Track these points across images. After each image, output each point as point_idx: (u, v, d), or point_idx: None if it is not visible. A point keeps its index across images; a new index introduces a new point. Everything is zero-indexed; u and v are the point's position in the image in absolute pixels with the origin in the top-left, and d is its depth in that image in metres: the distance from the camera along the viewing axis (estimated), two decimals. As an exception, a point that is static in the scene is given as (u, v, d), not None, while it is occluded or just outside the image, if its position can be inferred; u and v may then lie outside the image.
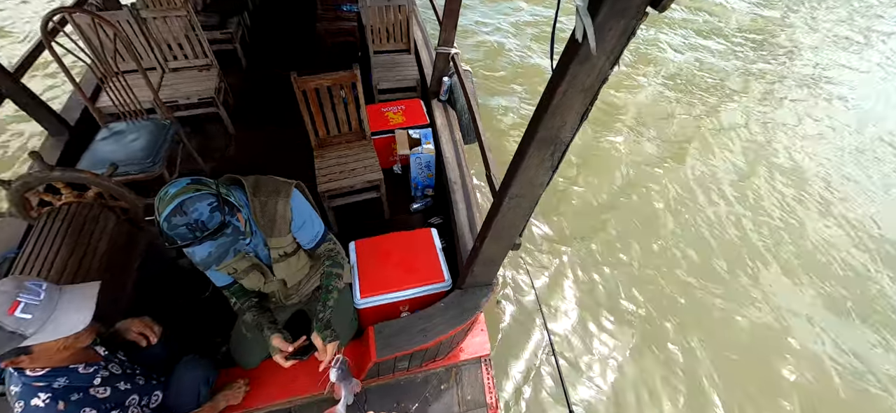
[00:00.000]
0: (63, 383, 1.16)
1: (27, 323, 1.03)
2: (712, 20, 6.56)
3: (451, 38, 2.34)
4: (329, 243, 1.54)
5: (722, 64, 5.65)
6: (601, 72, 0.86)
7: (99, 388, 1.24)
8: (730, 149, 4.42)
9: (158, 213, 1.06)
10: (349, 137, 2.37)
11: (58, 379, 1.15)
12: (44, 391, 1.12)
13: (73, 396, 1.16)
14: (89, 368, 1.23)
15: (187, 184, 1.08)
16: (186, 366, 1.53)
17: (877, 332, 3.07)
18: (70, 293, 1.13)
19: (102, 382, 1.25)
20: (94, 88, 2.83)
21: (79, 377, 1.20)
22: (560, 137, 1.01)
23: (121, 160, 2.16)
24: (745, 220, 3.69)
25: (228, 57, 3.51)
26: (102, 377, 1.26)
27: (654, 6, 0.73)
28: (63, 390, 1.15)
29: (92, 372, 1.23)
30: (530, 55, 5.31)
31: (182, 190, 1.06)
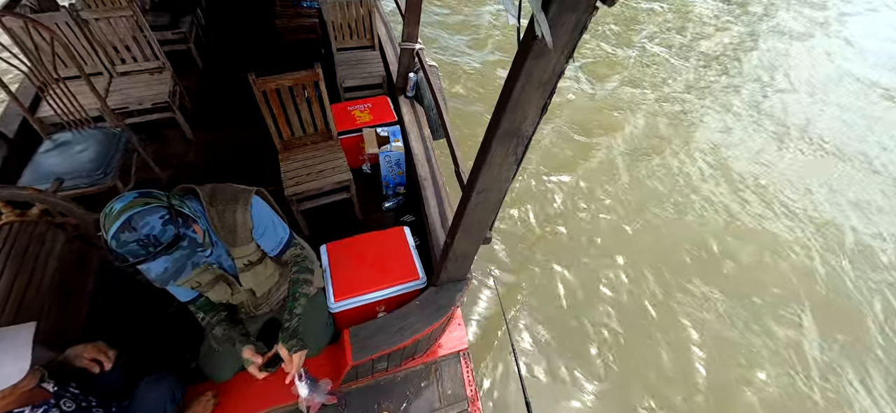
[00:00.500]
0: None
1: None
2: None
3: (414, 33, 2.32)
4: (295, 249, 1.49)
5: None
6: (557, 66, 0.87)
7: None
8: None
9: (105, 231, 0.99)
10: (315, 138, 2.31)
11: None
12: None
13: None
14: (37, 410, 1.14)
15: (134, 198, 1.02)
16: (149, 385, 1.45)
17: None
18: (1, 340, 1.04)
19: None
20: (33, 97, 2.62)
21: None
22: (522, 131, 1.03)
23: (67, 173, 2.02)
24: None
25: (183, 58, 3.33)
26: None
27: (604, 1, 0.75)
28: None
29: (42, 412, 1.15)
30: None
31: (129, 205, 1.00)
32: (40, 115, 2.39)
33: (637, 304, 3.10)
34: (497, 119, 1.00)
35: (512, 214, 3.55)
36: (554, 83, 0.91)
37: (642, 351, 2.87)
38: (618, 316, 3.02)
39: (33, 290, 1.60)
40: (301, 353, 1.36)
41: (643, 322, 3.01)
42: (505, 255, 3.29)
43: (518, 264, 3.24)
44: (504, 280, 3.15)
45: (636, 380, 2.74)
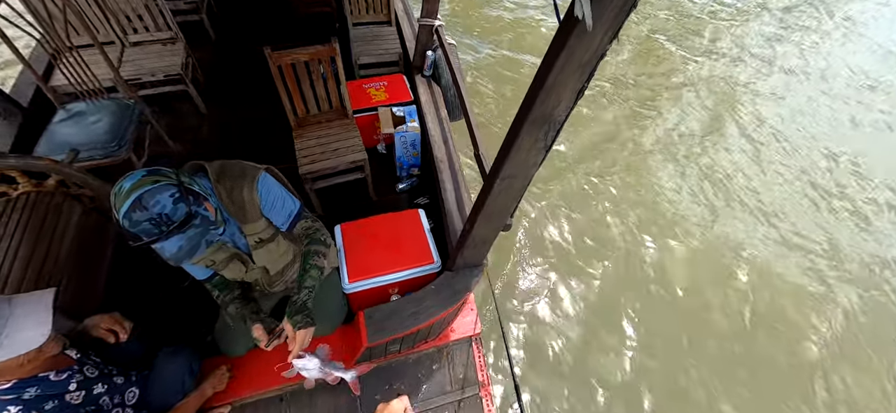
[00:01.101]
0: (34, 393, 1.09)
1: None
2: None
3: (434, 8, 2.23)
4: (306, 221, 1.42)
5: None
6: (600, 47, 0.81)
7: (74, 394, 1.17)
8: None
9: (116, 210, 0.98)
10: (330, 116, 2.27)
11: (27, 389, 1.09)
12: (14, 404, 1.06)
13: (48, 405, 1.10)
14: (62, 375, 1.16)
15: (143, 176, 1.00)
16: (168, 356, 1.47)
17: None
18: (22, 305, 1.04)
19: (78, 387, 1.19)
20: (46, 66, 2.60)
21: (51, 385, 1.13)
22: (554, 116, 0.97)
23: (82, 144, 2.01)
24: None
25: (195, 29, 3.27)
26: (77, 382, 1.19)
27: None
28: (35, 400, 1.09)
29: (65, 378, 1.16)
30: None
31: (138, 183, 0.98)
32: (54, 83, 2.36)
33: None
34: (529, 103, 0.95)
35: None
36: (594, 66, 0.85)
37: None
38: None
39: (52, 260, 1.61)
40: (307, 331, 1.26)
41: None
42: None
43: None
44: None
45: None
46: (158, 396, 1.41)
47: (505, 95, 4.29)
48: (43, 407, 1.08)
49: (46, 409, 1.09)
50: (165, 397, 1.42)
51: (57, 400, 1.12)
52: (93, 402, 1.21)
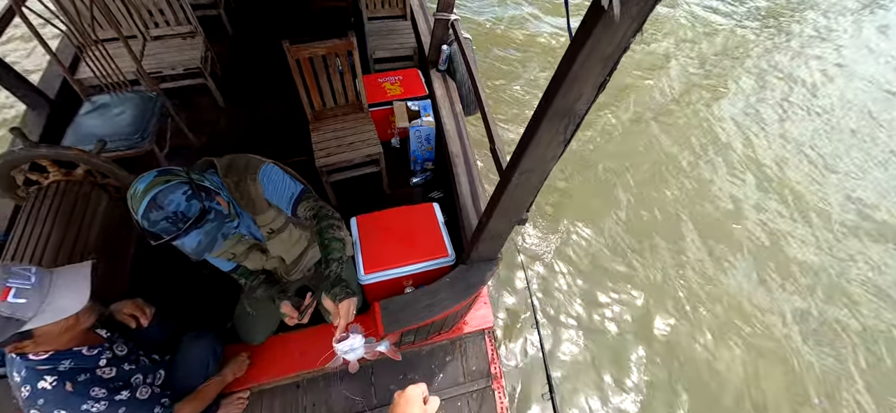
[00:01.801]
0: (68, 365, 1.15)
1: (23, 307, 1.01)
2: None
3: (450, 3, 2.23)
4: (308, 202, 1.38)
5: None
6: (624, 39, 0.81)
7: (105, 369, 1.23)
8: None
9: (134, 212, 1.01)
10: (346, 110, 2.29)
11: (63, 362, 1.14)
12: (50, 374, 1.11)
13: (80, 377, 1.15)
14: (93, 350, 1.22)
15: (155, 177, 1.03)
16: (193, 340, 1.53)
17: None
18: (63, 275, 1.10)
19: (108, 363, 1.24)
20: (72, 58, 2.67)
21: (84, 359, 1.19)
22: (575, 110, 0.97)
23: (107, 135, 2.07)
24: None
25: (214, 23, 3.32)
26: (107, 358, 1.25)
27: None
28: (69, 372, 1.14)
29: (96, 353, 1.22)
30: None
31: (151, 183, 1.01)
32: (79, 76, 2.43)
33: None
34: (550, 95, 0.95)
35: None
36: (617, 58, 0.85)
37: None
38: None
39: (80, 246, 1.67)
40: (349, 301, 1.19)
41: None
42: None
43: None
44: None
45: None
46: (183, 378, 1.46)
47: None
48: (76, 379, 1.14)
49: (79, 381, 1.14)
50: (190, 379, 1.47)
51: (89, 373, 1.17)
52: (122, 379, 1.26)
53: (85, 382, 1.15)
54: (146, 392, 1.32)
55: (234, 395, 1.78)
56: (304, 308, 1.39)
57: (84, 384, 1.15)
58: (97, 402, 1.15)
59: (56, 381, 1.11)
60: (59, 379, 1.11)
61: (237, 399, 1.79)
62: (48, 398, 1.10)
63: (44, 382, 1.10)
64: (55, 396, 1.10)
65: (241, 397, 1.80)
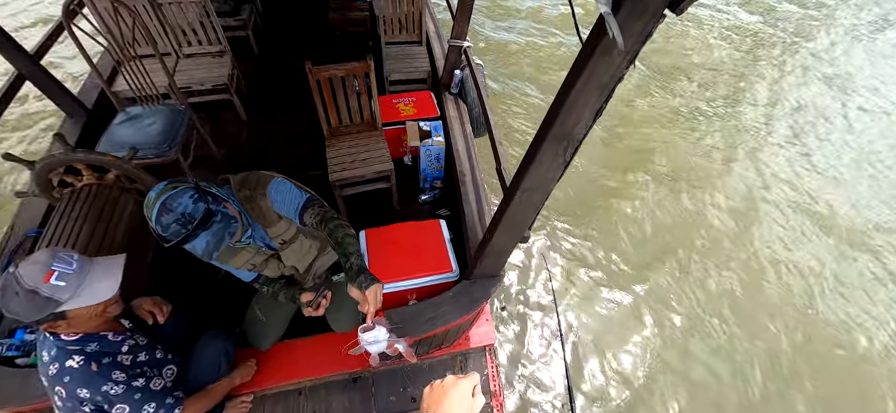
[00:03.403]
0: (94, 348, 1.22)
1: (62, 290, 1.10)
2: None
3: (463, 31, 2.35)
4: (315, 208, 1.41)
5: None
6: (618, 70, 0.88)
7: (125, 356, 1.30)
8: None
9: (149, 219, 1.11)
10: (361, 127, 2.40)
11: (90, 344, 1.22)
12: (78, 354, 1.19)
13: (104, 360, 1.23)
14: (117, 337, 1.30)
15: (165, 185, 1.14)
16: (209, 339, 1.59)
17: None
18: (99, 264, 1.20)
19: (129, 351, 1.32)
20: (110, 72, 2.87)
21: (108, 344, 1.27)
22: (573, 134, 1.04)
23: (139, 144, 2.20)
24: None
25: (241, 44, 3.53)
26: (129, 346, 1.33)
27: (672, 9, 0.76)
28: (95, 354, 1.22)
29: (119, 341, 1.30)
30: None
31: (161, 191, 1.12)
32: (116, 88, 2.61)
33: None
34: (550, 120, 1.02)
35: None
36: (612, 87, 0.92)
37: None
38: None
39: (107, 246, 1.77)
40: (376, 287, 1.20)
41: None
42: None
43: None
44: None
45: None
46: (196, 375, 1.52)
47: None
48: (101, 361, 1.22)
49: (103, 364, 1.22)
50: (202, 377, 1.53)
51: (111, 357, 1.25)
52: (138, 367, 1.33)
53: (107, 365, 1.23)
54: (159, 384, 1.38)
55: (238, 399, 1.83)
56: (317, 297, 1.48)
57: (107, 367, 1.22)
58: (116, 385, 1.22)
59: (83, 360, 1.18)
60: (85, 359, 1.19)
61: (241, 403, 1.83)
62: (74, 376, 1.17)
63: (72, 361, 1.18)
64: (80, 375, 1.17)
65: (245, 401, 1.85)
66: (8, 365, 1.59)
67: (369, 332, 1.16)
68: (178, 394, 1.41)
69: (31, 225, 2.07)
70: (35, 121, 3.92)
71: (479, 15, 5.62)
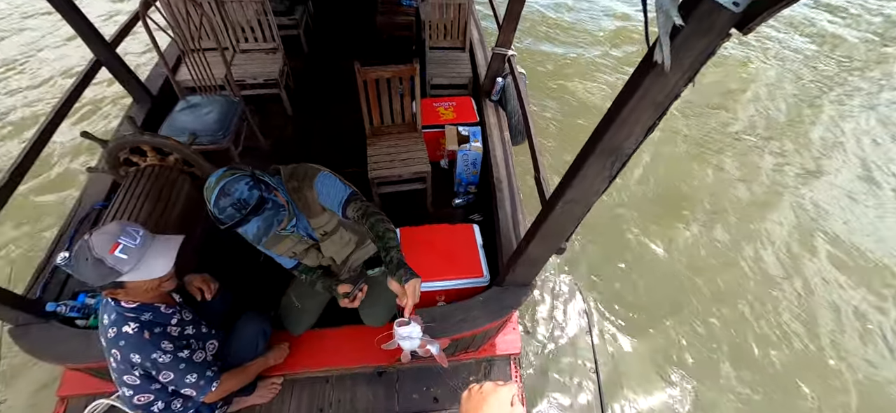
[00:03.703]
0: (148, 317, 1.32)
1: (123, 262, 1.19)
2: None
3: (509, 39, 2.37)
4: (357, 202, 1.47)
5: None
6: (674, 88, 0.87)
7: (174, 328, 1.40)
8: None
9: (208, 202, 1.19)
10: (401, 128, 2.46)
11: (145, 313, 1.32)
12: (134, 321, 1.29)
13: (156, 330, 1.33)
14: (168, 310, 1.40)
15: (225, 171, 1.22)
16: (249, 319, 1.68)
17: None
18: (158, 242, 1.30)
19: (177, 323, 1.42)
20: (174, 62, 3.09)
21: (161, 315, 1.36)
22: (623, 148, 1.03)
23: (196, 131, 2.36)
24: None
25: (292, 42, 3.70)
26: (177, 319, 1.42)
27: (740, 28, 0.74)
28: (148, 323, 1.32)
29: (170, 313, 1.40)
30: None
31: (221, 176, 1.20)
32: (178, 78, 2.81)
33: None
34: (600, 132, 1.02)
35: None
36: (667, 105, 0.91)
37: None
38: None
39: (164, 223, 1.90)
40: (415, 281, 1.24)
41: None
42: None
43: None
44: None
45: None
46: (235, 352, 1.61)
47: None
48: (153, 330, 1.32)
49: (154, 333, 1.32)
50: (240, 354, 1.61)
51: (161, 328, 1.35)
52: (184, 339, 1.42)
53: (158, 335, 1.33)
54: (201, 356, 1.47)
55: (269, 380, 1.91)
56: (355, 290, 1.53)
57: (157, 336, 1.32)
58: (164, 353, 1.32)
59: (137, 328, 1.28)
60: (139, 327, 1.29)
61: (271, 384, 1.92)
62: (129, 341, 1.27)
63: (127, 327, 1.28)
64: (134, 341, 1.27)
65: (276, 383, 1.93)
66: (69, 325, 1.74)
67: (404, 326, 1.20)
68: (216, 368, 1.49)
69: (97, 198, 2.25)
70: (97, 105, 4.27)
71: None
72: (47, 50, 5.04)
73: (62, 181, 3.51)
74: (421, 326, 1.21)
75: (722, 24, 0.74)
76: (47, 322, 1.70)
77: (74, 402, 1.90)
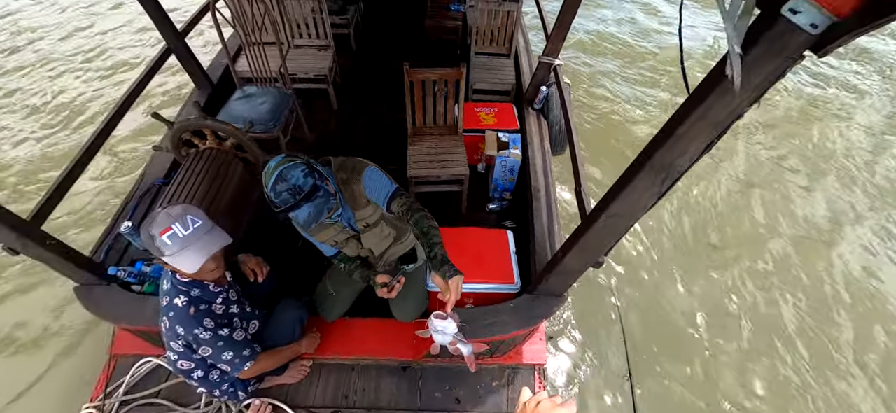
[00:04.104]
0: (197, 294, 1.42)
1: (166, 247, 1.27)
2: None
3: (557, 49, 2.36)
4: (402, 198, 1.49)
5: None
6: (738, 108, 0.85)
7: (219, 306, 1.49)
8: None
9: (266, 186, 1.26)
10: (442, 130, 2.50)
11: (195, 289, 1.42)
12: (184, 295, 1.39)
13: (201, 306, 1.42)
14: (217, 288, 1.49)
15: (283, 157, 1.29)
16: (287, 305, 1.76)
17: None
18: (203, 241, 1.33)
19: (222, 302, 1.50)
20: (234, 53, 3.28)
21: (208, 293, 1.46)
22: (676, 165, 1.01)
23: (252, 119, 2.50)
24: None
25: (342, 40, 3.85)
26: (223, 298, 1.51)
27: (815, 51, 0.72)
28: (196, 299, 1.41)
29: (218, 291, 1.49)
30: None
31: (280, 162, 1.27)
32: (237, 68, 2.99)
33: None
34: (652, 147, 1.00)
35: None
36: (728, 125, 0.88)
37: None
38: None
39: (217, 203, 2.03)
40: (459, 278, 1.24)
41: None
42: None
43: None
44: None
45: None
46: (272, 335, 1.69)
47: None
48: (198, 307, 1.41)
49: (199, 309, 1.41)
50: (278, 337, 1.70)
51: (206, 305, 1.44)
52: (227, 317, 1.51)
53: (202, 312, 1.42)
54: (241, 335, 1.55)
55: (299, 362, 1.99)
56: (393, 281, 1.58)
57: (202, 313, 1.41)
58: (205, 330, 1.41)
59: (185, 302, 1.38)
60: (188, 302, 1.38)
61: (301, 366, 1.99)
62: (177, 313, 1.37)
63: (178, 300, 1.38)
64: (181, 314, 1.37)
65: (305, 365, 2.01)
66: (126, 289, 1.89)
67: (441, 321, 1.20)
68: (255, 347, 1.57)
69: (158, 175, 2.43)
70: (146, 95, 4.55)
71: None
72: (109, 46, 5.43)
73: (126, 160, 3.81)
74: (457, 324, 1.22)
75: (796, 46, 0.72)
76: (108, 285, 1.85)
77: (123, 360, 2.06)
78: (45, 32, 5.57)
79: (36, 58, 5.08)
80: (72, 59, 5.09)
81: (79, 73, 4.86)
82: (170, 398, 1.94)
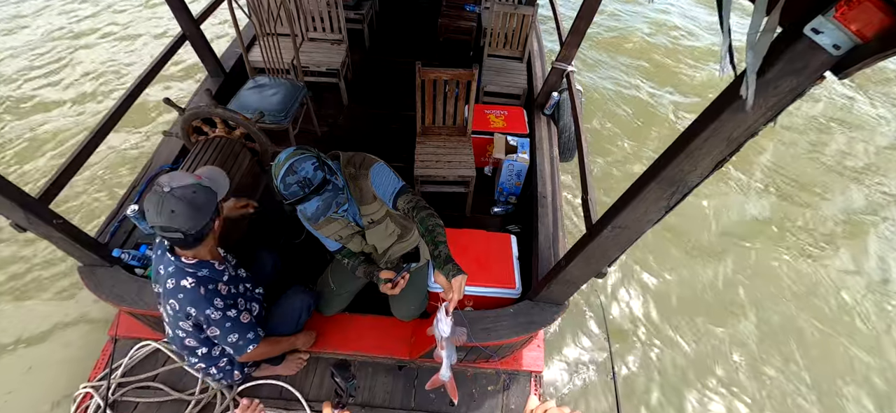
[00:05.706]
0: (205, 274, 1.42)
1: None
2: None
3: (571, 55, 2.34)
4: (408, 195, 1.48)
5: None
6: (753, 126, 0.83)
7: (224, 285, 1.49)
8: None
9: (275, 178, 1.26)
10: (451, 131, 2.49)
11: (202, 269, 1.42)
12: (191, 276, 1.39)
13: (210, 286, 1.42)
14: (220, 266, 1.49)
15: (294, 150, 1.29)
16: (296, 293, 1.77)
17: None
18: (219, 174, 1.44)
19: (227, 281, 1.51)
20: (248, 43, 3.30)
21: (214, 272, 1.46)
22: (686, 181, 0.99)
23: (263, 109, 2.51)
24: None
25: (356, 36, 3.86)
26: (228, 276, 1.52)
27: (836, 72, 0.70)
28: (202, 279, 1.41)
29: (222, 270, 1.49)
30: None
31: (290, 154, 1.27)
32: (250, 58, 3.00)
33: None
34: (663, 162, 0.98)
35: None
36: (742, 142, 0.86)
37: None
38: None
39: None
40: (462, 278, 1.24)
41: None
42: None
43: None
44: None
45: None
46: (277, 322, 1.70)
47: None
48: (207, 286, 1.41)
49: (208, 289, 1.41)
50: (281, 326, 1.70)
51: (213, 284, 1.44)
52: (233, 298, 1.51)
53: (211, 291, 1.42)
54: (246, 318, 1.55)
55: (296, 354, 2.00)
56: (397, 277, 1.57)
57: (211, 293, 1.41)
58: (216, 310, 1.41)
59: (194, 283, 1.38)
60: (196, 282, 1.39)
61: (298, 358, 2.00)
62: (187, 294, 1.37)
63: (186, 281, 1.38)
64: (191, 295, 1.37)
65: (302, 357, 2.01)
66: (129, 272, 1.90)
67: (444, 318, 1.18)
68: (259, 331, 1.57)
69: (166, 160, 2.45)
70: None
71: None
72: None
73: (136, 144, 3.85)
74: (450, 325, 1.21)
75: (817, 66, 0.70)
76: (112, 266, 1.87)
77: (122, 343, 2.07)
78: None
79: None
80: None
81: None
82: (166, 383, 1.96)
